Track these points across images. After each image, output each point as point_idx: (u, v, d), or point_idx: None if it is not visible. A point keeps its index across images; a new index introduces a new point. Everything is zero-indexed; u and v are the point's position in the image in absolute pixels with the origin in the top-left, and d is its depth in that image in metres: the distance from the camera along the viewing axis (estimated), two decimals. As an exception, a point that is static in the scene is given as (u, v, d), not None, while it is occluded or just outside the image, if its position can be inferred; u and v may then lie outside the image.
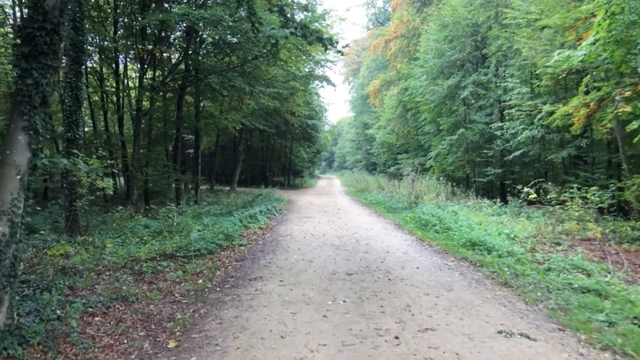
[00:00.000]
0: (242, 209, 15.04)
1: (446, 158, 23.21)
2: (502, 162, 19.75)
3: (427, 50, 24.91)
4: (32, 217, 11.99)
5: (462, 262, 8.20)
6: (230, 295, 6.05)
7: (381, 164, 43.23)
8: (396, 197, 19.48)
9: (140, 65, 15.10)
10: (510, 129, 17.93)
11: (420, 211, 14.06)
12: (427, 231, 11.64)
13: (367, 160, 51.58)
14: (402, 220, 13.94)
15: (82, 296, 5.89)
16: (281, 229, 12.28)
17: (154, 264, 7.47)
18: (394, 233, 11.72)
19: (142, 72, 15.20)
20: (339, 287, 6.46)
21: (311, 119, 32.02)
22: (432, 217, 12.71)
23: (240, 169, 28.68)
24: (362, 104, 51.58)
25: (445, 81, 22.41)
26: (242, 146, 27.19)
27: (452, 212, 14.35)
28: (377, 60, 44.70)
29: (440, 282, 6.75)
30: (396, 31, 30.97)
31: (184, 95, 17.86)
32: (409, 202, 16.93)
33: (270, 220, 13.78)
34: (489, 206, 16.41)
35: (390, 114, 34.02)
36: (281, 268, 7.55)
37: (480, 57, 22.38)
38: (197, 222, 11.94)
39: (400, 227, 12.79)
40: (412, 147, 33.30)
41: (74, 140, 10.34)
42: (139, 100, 15.18)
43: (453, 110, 22.96)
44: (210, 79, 15.55)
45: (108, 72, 19.69)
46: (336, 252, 8.94)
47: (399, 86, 31.08)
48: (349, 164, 65.03)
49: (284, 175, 37.09)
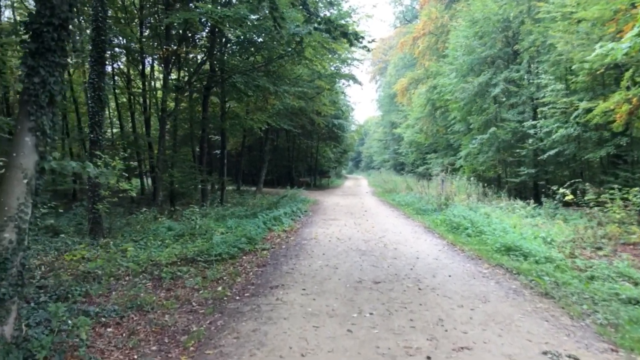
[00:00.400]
0: (267, 210, 14.76)
1: (477, 158, 22.51)
2: (536, 161, 18.99)
3: (456, 47, 24.22)
4: (56, 219, 11.98)
5: (497, 270, 7.68)
6: (250, 305, 5.70)
7: (409, 164, 42.50)
8: (425, 198, 18.91)
9: (164, 66, 14.99)
10: (544, 127, 17.21)
11: (451, 213, 13.51)
12: (459, 235, 11.11)
13: (394, 160, 50.83)
14: (432, 222, 13.40)
15: (98, 304, 5.65)
16: (305, 232, 11.91)
17: (174, 269, 7.21)
18: (424, 237, 11.22)
19: (166, 73, 15.09)
20: (365, 297, 6.03)
21: (337, 119, 31.60)
22: (464, 219, 12.16)
23: (266, 169, 28.49)
24: (389, 102, 50.89)
25: (475, 78, 21.72)
26: (268, 146, 26.98)
27: (484, 214, 13.78)
28: (405, 59, 43.99)
29: (474, 292, 6.26)
30: (424, 28, 30.29)
31: (209, 96, 17.70)
32: (438, 203, 16.37)
33: (295, 223, 13.45)
34: (522, 207, 15.78)
35: (418, 112, 33.35)
36: (304, 275, 7.17)
37: (512, 53, 21.58)
38: (220, 224, 11.69)
39: (430, 230, 12.27)
40: (441, 147, 32.57)
41: (97, 142, 10.23)
42: (164, 101, 15.08)
43: (484, 109, 22.23)
44: (235, 78, 15.30)
45: (135, 73, 19.75)
46: (362, 258, 8.50)
47: (427, 84, 30.40)
48: (376, 163, 64.33)
49: (310, 176, 36.77)
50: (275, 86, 15.14)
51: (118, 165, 10.28)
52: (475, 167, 23.52)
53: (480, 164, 22.61)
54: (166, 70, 15.01)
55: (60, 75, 4.48)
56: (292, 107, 23.61)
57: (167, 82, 15.03)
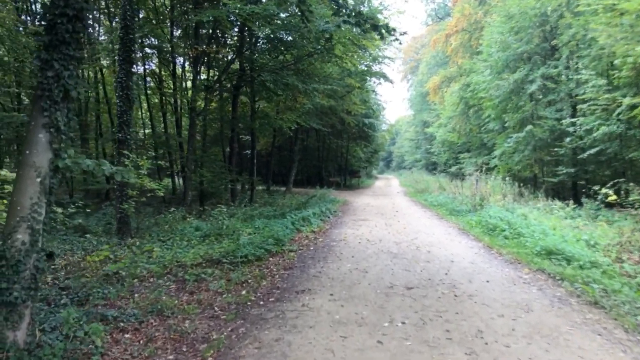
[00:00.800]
0: (296, 211, 14.49)
1: (512, 157, 21.77)
2: (575, 160, 18.18)
3: (490, 44, 23.46)
4: (86, 218, 11.99)
5: (539, 275, 7.15)
6: (274, 311, 5.37)
7: (442, 164, 41.66)
8: (459, 199, 18.29)
9: (194, 66, 14.89)
10: (584, 125, 16.43)
11: (487, 214, 12.94)
12: (495, 237, 10.55)
13: (426, 160, 49.94)
14: (466, 224, 12.85)
15: (118, 307, 5.44)
16: (335, 232, 11.54)
17: (198, 271, 6.98)
18: (458, 239, 10.70)
19: (195, 72, 14.98)
20: (397, 304, 5.63)
21: (368, 118, 31.12)
22: (500, 221, 11.59)
23: (296, 169, 28.25)
24: (421, 101, 50.07)
25: (510, 75, 20.95)
26: (297, 146, 26.72)
27: (521, 215, 13.18)
28: (437, 57, 43.16)
29: (516, 300, 5.77)
30: (457, 25, 29.50)
31: (238, 95, 17.59)
32: (473, 204, 15.77)
33: (324, 223, 13.10)
34: (560, 208, 15.11)
35: (451, 111, 32.57)
36: (332, 279, 6.80)
37: (550, 48, 20.73)
38: (248, 224, 11.46)
39: (465, 232, 11.72)
40: (475, 146, 31.72)
41: (124, 141, 10.11)
42: (193, 100, 14.96)
43: (519, 106, 21.42)
44: (264, 76, 15.04)
45: (166, 74, 19.81)
46: (394, 261, 8.08)
47: (460, 82, 29.60)
48: (407, 163, 63.47)
49: (340, 176, 36.37)
50: (304, 84, 14.82)
51: (145, 165, 10.22)
52: (510, 166, 22.77)
53: (515, 164, 21.84)
54: (195, 70, 14.90)
55: (75, 69, 4.26)
56: (322, 106, 23.31)
57: (196, 82, 14.91)
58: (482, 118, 27.85)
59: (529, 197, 18.18)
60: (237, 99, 17.58)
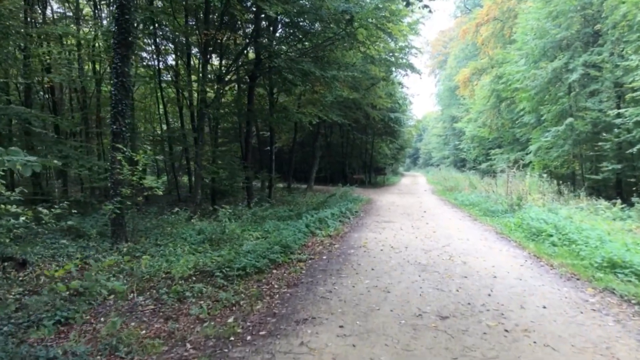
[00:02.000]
0: (313, 210, 13.15)
1: (549, 152, 19.93)
2: (621, 156, 16.41)
3: (525, 31, 21.60)
4: (82, 219, 10.85)
5: (608, 297, 5.56)
6: (262, 352, 3.95)
7: (471, 160, 39.65)
8: (493, 198, 16.59)
9: (203, 53, 13.59)
10: (634, 117, 14.66)
11: (527, 215, 11.31)
12: (541, 243, 8.95)
13: (455, 157, 47.84)
14: (504, 227, 11.24)
15: (67, 340, 4.18)
16: (354, 237, 10.06)
17: (184, 287, 5.68)
18: (498, 245, 9.11)
19: (205, 60, 13.70)
20: (427, 343, 4.13)
21: (394, 112, 29.43)
22: (545, 224, 9.96)
23: (317, 166, 26.80)
24: (449, 96, 48.01)
25: (549, 63, 19.09)
26: (319, 142, 25.26)
27: (566, 217, 11.55)
28: (466, 50, 41.15)
29: (590, 339, 4.22)
30: (488, 14, 27.56)
31: (254, 87, 16.28)
32: (509, 203, 14.08)
33: (343, 225, 11.64)
34: (606, 209, 13.51)
35: (481, 105, 30.68)
36: (344, 302, 5.33)
37: (592, 34, 18.82)
38: (257, 227, 10.16)
39: (504, 237, 10.09)
40: (507, 141, 29.79)
41: (119, 133, 8.89)
42: (202, 91, 13.67)
43: (558, 97, 19.54)
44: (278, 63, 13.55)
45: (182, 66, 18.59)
46: (423, 276, 6.56)
47: (492, 74, 27.68)
48: (435, 160, 61.31)
49: (365, 173, 34.77)
50: (321, 70, 13.34)
51: (142, 160, 8.98)
52: (547, 162, 20.95)
53: (553, 160, 20.02)
54: (205, 58, 13.61)
55: None
56: (345, 99, 21.81)
57: (206, 70, 13.64)
58: (515, 112, 26.10)
59: (569, 196, 16.40)
60: (253, 90, 16.26)
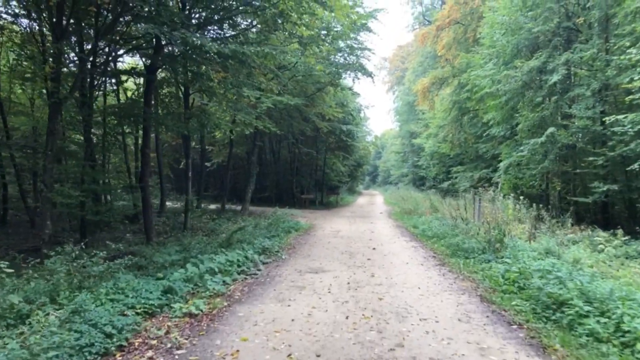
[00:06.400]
0: (220, 248, 8.71)
1: (525, 170, 16.11)
2: (615, 173, 12.93)
3: (494, 28, 17.87)
4: None
5: None
6: None
7: (431, 179, 35.76)
8: (462, 227, 12.42)
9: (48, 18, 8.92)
10: (636, 125, 11.13)
11: (517, 260, 7.29)
12: (569, 331, 4.66)
13: (414, 174, 43.86)
14: (490, 282, 6.96)
15: None
16: (235, 318, 5.36)
17: None
18: (495, 341, 4.62)
19: (57, 32, 9.00)
20: None
21: (346, 124, 25.24)
22: (561, 284, 5.71)
23: (255, 184, 22.08)
24: (408, 111, 44.29)
25: (525, 62, 15.31)
26: (255, 156, 20.52)
27: (574, 260, 7.65)
28: (425, 63, 37.57)
29: None
30: (450, 15, 23.86)
31: (154, 81, 11.74)
32: (487, 239, 9.85)
33: (235, 285, 6.96)
34: (606, 241, 9.87)
35: (441, 119, 26.89)
36: None
37: (574, 28, 15.27)
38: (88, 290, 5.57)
39: (500, 312, 5.60)
40: (469, 158, 26.05)
41: None
42: (54, 79, 8.98)
43: (536, 104, 15.76)
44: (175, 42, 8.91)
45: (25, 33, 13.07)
46: None
47: (453, 85, 23.97)
48: (393, 178, 57.35)
49: (317, 192, 30.25)
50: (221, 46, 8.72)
51: None
52: (519, 182, 17.24)
53: (530, 178, 16.22)
54: (57, 30, 8.88)
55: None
56: (286, 106, 17.48)
57: (62, 46, 8.91)
58: (479, 125, 22.46)
59: (551, 222, 12.48)
60: (152, 86, 11.65)
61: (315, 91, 19.49)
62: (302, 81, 15.98)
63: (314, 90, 19.26)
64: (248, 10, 9.47)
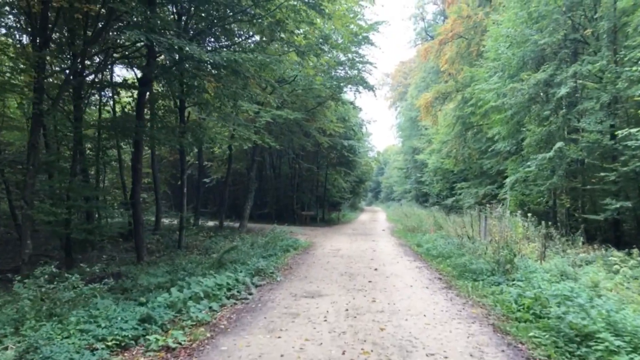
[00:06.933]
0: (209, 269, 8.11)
1: (532, 186, 15.52)
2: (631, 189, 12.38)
3: (498, 40, 17.43)
4: None
5: None
6: None
7: (434, 195, 35.07)
8: (468, 246, 11.79)
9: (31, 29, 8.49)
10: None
11: (530, 284, 6.72)
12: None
13: (417, 191, 43.13)
14: (502, 308, 6.33)
15: None
16: (214, 356, 4.65)
17: None
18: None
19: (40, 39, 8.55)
20: None
21: (348, 140, 24.73)
22: (585, 314, 5.08)
23: (253, 201, 21.48)
24: (410, 127, 43.80)
25: (532, 75, 14.82)
26: (253, 172, 19.98)
27: (592, 284, 7.02)
28: (427, 78, 37.23)
29: None
30: (453, 29, 23.50)
31: (145, 94, 11.27)
32: (496, 259, 9.23)
33: (222, 311, 6.33)
34: (621, 261, 9.13)
35: (445, 134, 26.39)
36: None
37: (582, 40, 14.81)
38: (58, 318, 4.99)
39: (515, 346, 4.93)
40: (474, 174, 25.42)
41: None
42: (37, 89, 8.50)
43: (544, 117, 15.23)
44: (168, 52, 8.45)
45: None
46: None
47: (457, 99, 23.51)
48: (396, 194, 56.60)
49: (318, 208, 29.57)
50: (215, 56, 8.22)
51: None
52: (525, 198, 16.65)
53: (537, 195, 15.63)
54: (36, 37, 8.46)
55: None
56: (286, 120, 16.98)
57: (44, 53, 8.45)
58: (483, 141, 21.90)
59: (561, 241, 11.82)
60: (144, 99, 11.18)
61: (316, 105, 19.02)
62: (302, 95, 15.51)
63: (314, 104, 18.79)
64: (244, 19, 9.00)
